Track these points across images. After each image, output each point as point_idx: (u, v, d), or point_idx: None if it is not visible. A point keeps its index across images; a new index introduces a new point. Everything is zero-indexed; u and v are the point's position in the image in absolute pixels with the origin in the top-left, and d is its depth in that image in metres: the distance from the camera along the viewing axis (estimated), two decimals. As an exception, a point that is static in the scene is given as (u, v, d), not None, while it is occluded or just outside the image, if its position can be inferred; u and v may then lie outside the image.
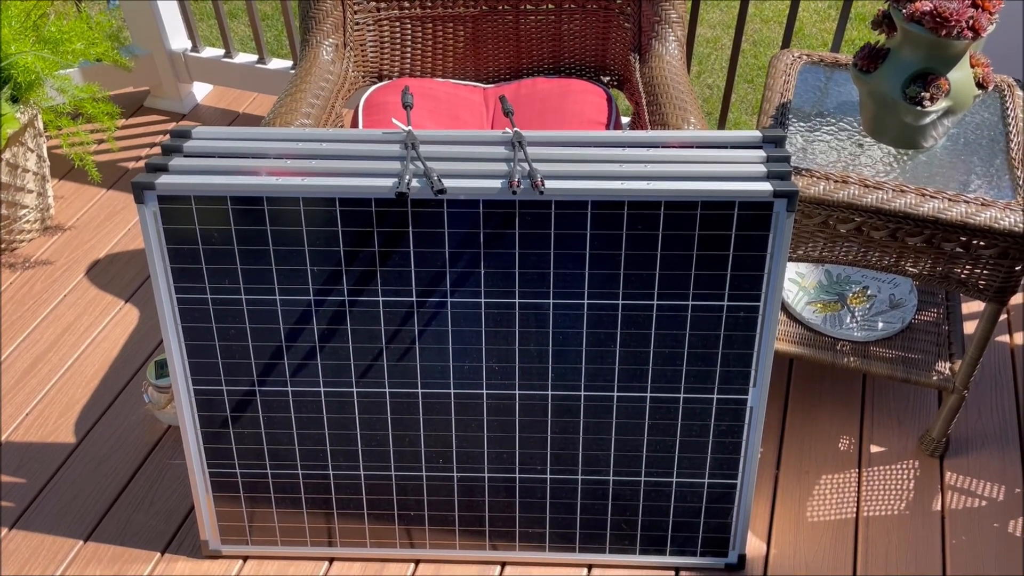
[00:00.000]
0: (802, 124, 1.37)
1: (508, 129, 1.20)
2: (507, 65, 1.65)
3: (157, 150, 2.25)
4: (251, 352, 1.24)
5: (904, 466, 1.53)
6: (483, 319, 1.21)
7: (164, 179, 1.13)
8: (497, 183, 1.12)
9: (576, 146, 1.20)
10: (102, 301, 1.83)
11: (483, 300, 1.20)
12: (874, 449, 1.55)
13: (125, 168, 2.18)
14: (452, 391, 1.26)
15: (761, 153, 1.17)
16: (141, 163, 2.20)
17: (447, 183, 1.11)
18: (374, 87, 1.59)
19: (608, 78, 1.64)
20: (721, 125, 2.04)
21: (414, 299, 1.20)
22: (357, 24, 1.55)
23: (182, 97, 2.36)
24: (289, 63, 2.29)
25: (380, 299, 1.20)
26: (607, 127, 1.49)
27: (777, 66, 1.48)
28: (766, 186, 1.10)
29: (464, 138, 1.21)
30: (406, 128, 1.20)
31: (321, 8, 1.49)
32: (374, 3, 1.55)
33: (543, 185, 1.10)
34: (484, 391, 1.26)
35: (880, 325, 1.51)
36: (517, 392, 1.26)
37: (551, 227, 1.14)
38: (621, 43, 1.57)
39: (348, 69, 1.53)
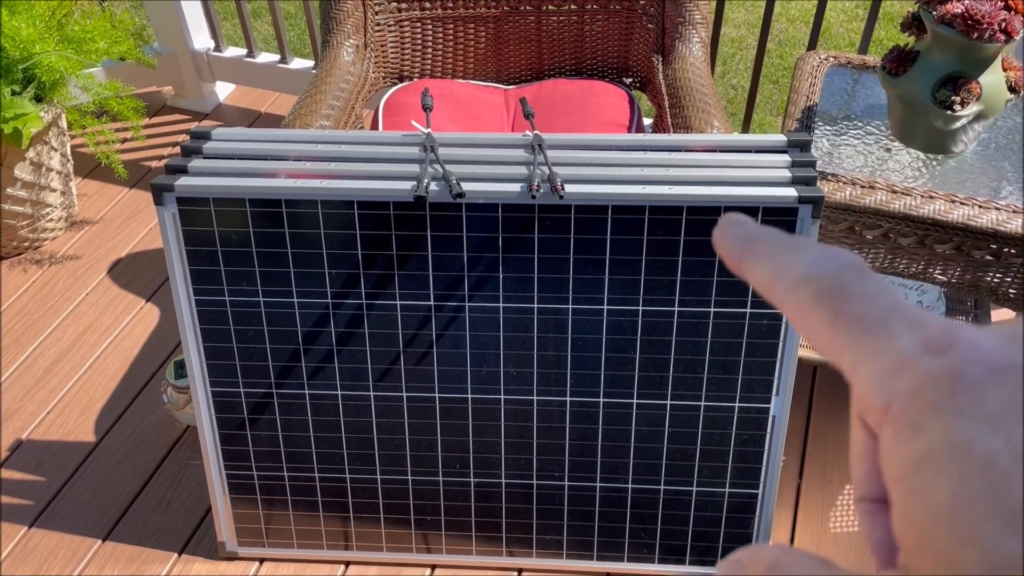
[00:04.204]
0: (828, 128, 1.34)
1: (528, 132, 1.19)
2: (528, 66, 1.64)
3: (178, 150, 2.26)
4: (268, 354, 1.24)
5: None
6: (501, 324, 1.19)
7: (183, 181, 1.13)
8: (516, 187, 1.11)
9: (597, 149, 1.18)
10: (123, 300, 1.84)
11: (501, 305, 1.18)
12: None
13: (147, 167, 2.19)
14: (470, 396, 1.25)
15: (786, 158, 1.14)
16: (163, 162, 2.21)
17: (466, 186, 1.10)
18: (394, 88, 1.58)
19: (630, 79, 1.62)
20: (746, 127, 2.01)
21: (432, 303, 1.19)
22: (378, 25, 1.55)
23: (205, 96, 2.36)
24: (311, 63, 2.29)
25: (398, 303, 1.19)
26: (629, 129, 1.47)
27: (803, 68, 1.45)
28: (791, 192, 1.08)
29: (483, 140, 1.20)
30: (425, 130, 1.19)
31: (342, 9, 1.49)
32: (395, 4, 1.54)
33: (563, 189, 1.08)
34: (502, 396, 1.25)
35: (906, 333, 1.48)
36: (535, 398, 1.25)
37: (571, 232, 1.13)
38: (644, 44, 1.55)
39: (368, 70, 1.52)
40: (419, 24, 1.57)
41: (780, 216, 1.09)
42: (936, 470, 0.16)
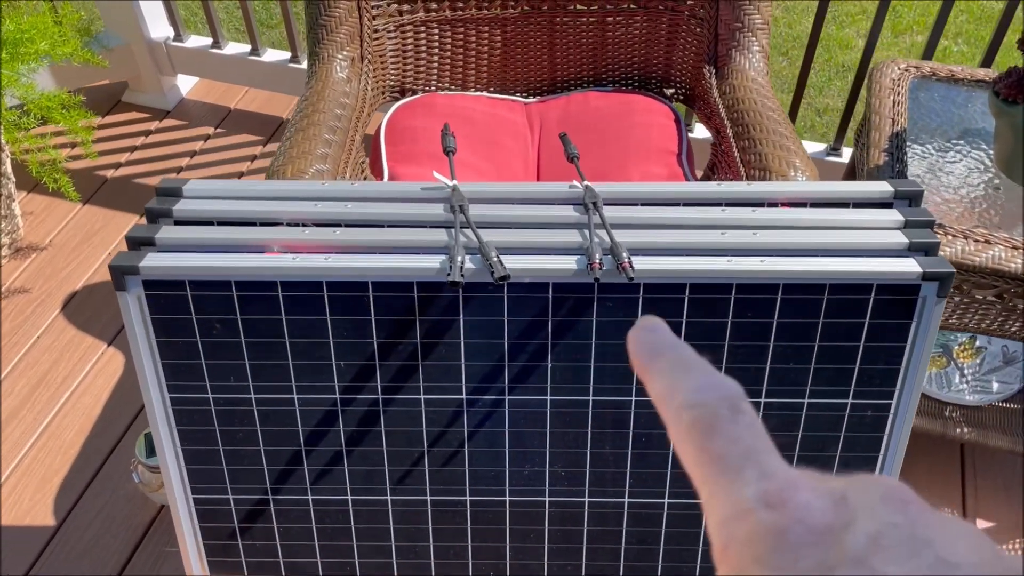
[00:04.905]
0: (921, 160, 1.13)
1: (576, 183, 0.96)
2: (551, 76, 1.40)
3: (138, 155, 1.99)
4: (263, 458, 1.02)
5: (1018, 544, 1.33)
6: (548, 419, 0.98)
7: (150, 259, 0.89)
8: (571, 262, 0.89)
9: (663, 205, 0.96)
10: (81, 344, 1.60)
11: (549, 398, 0.97)
12: (980, 524, 1.35)
13: (103, 177, 1.93)
14: (507, 499, 1.04)
15: (896, 215, 0.93)
16: (120, 171, 1.95)
17: (509, 262, 0.88)
18: (396, 105, 1.34)
19: (672, 91, 1.39)
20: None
21: (463, 396, 0.97)
22: (376, 32, 1.29)
23: (165, 91, 2.09)
24: (287, 55, 2.01)
25: (422, 397, 0.97)
26: (679, 157, 1.25)
27: (882, 82, 1.23)
28: (912, 265, 0.88)
29: (523, 194, 0.97)
30: (450, 183, 0.96)
31: (333, 15, 1.23)
32: (395, 6, 1.29)
33: (632, 268, 0.87)
34: (546, 499, 1.04)
35: (995, 386, 1.30)
36: (586, 500, 1.04)
37: (638, 314, 0.91)
38: (690, 51, 1.32)
39: (367, 88, 1.27)
40: (423, 28, 1.32)
41: (897, 294, 0.89)
42: None
